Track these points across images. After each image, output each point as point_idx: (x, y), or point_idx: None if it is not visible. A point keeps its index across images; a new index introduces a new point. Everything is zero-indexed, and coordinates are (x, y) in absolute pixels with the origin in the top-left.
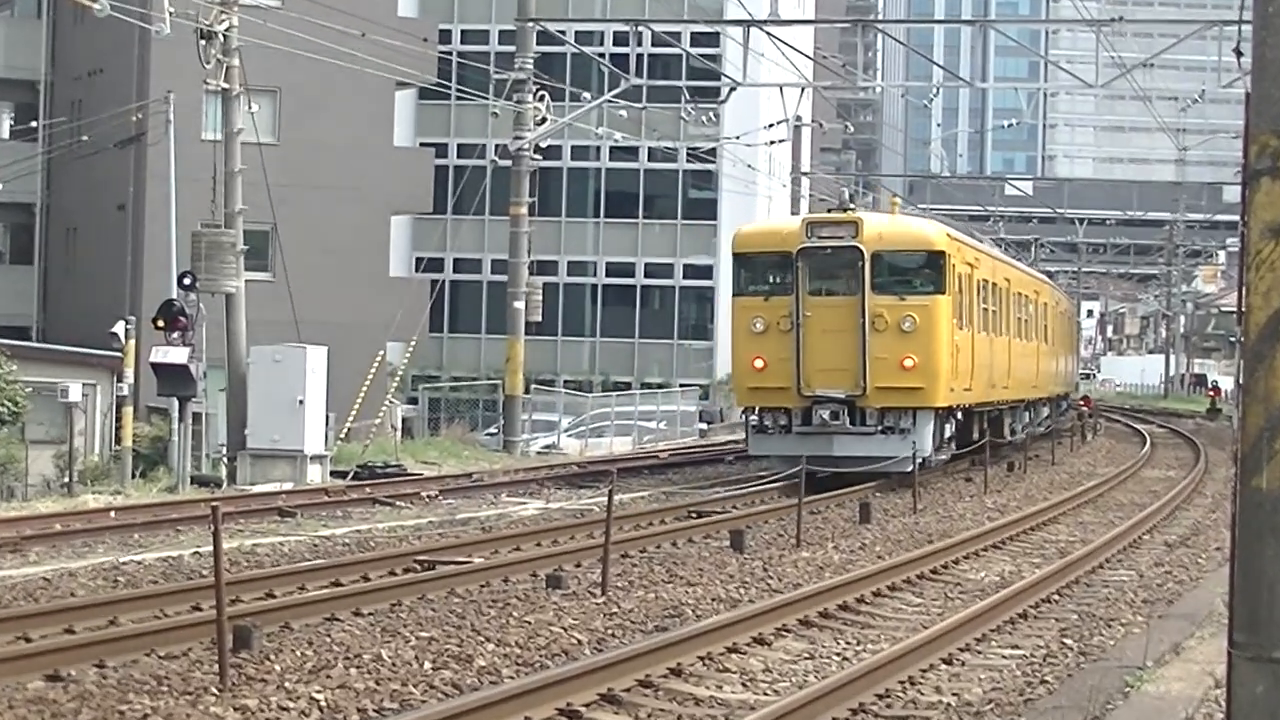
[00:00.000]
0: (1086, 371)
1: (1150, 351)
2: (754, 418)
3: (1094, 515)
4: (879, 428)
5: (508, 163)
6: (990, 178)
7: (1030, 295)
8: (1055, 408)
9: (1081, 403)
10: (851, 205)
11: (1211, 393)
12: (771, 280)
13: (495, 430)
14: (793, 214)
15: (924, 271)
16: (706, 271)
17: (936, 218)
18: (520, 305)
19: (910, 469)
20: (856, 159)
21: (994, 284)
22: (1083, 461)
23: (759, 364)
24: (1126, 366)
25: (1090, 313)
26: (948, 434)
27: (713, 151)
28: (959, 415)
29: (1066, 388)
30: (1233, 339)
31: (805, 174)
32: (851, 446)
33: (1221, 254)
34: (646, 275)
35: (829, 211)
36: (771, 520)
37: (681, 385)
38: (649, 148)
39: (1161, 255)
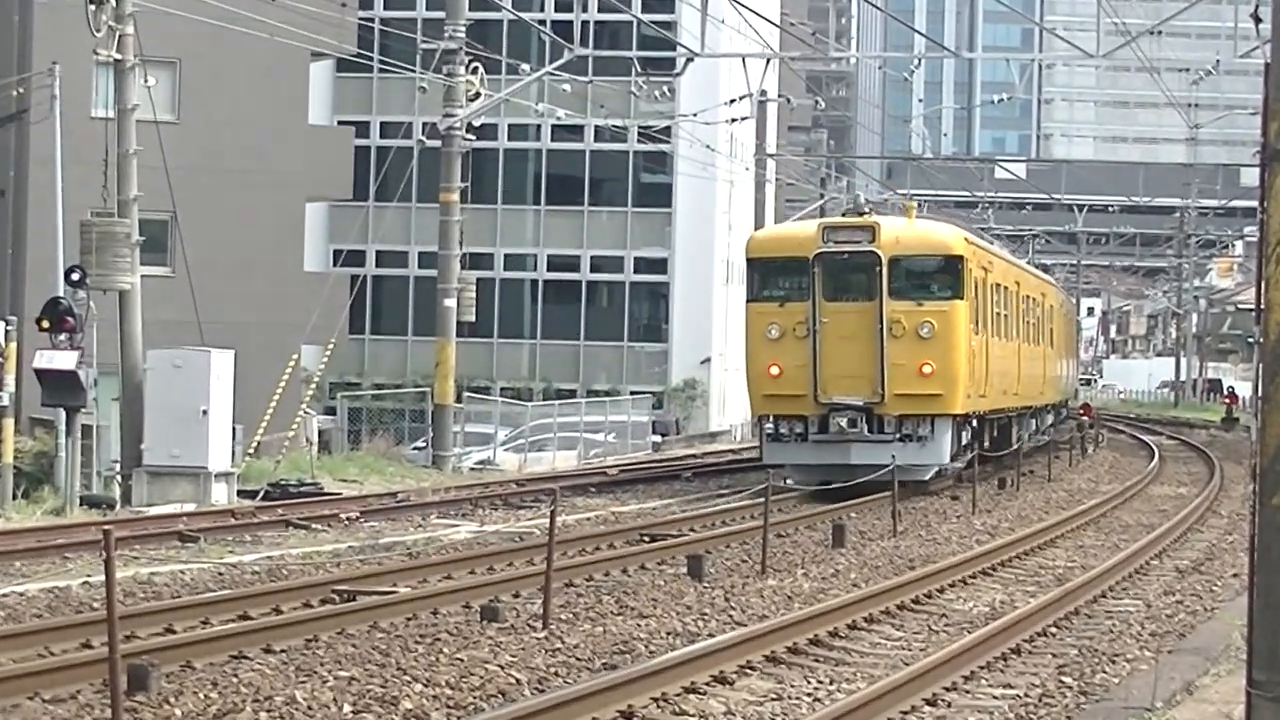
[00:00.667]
0: (1087, 376)
1: (1158, 354)
2: (769, 426)
3: (1095, 538)
4: (897, 435)
5: (437, 143)
6: (979, 159)
7: (1037, 298)
8: (1055, 417)
9: (1081, 412)
10: (866, 209)
11: (1227, 400)
12: (787, 286)
13: (423, 444)
14: (756, 199)
15: (942, 276)
16: (660, 265)
17: (917, 202)
18: (451, 304)
19: (928, 478)
20: (828, 139)
21: (1005, 287)
22: (1083, 478)
23: (774, 371)
24: (1131, 371)
25: (1091, 311)
26: (964, 441)
27: (667, 131)
28: (974, 423)
29: (1065, 395)
30: (1251, 340)
31: (771, 155)
32: (869, 455)
33: (1239, 244)
34: (593, 269)
35: (842, 215)
36: (734, 544)
37: (633, 393)
38: (596, 127)
39: (1171, 246)
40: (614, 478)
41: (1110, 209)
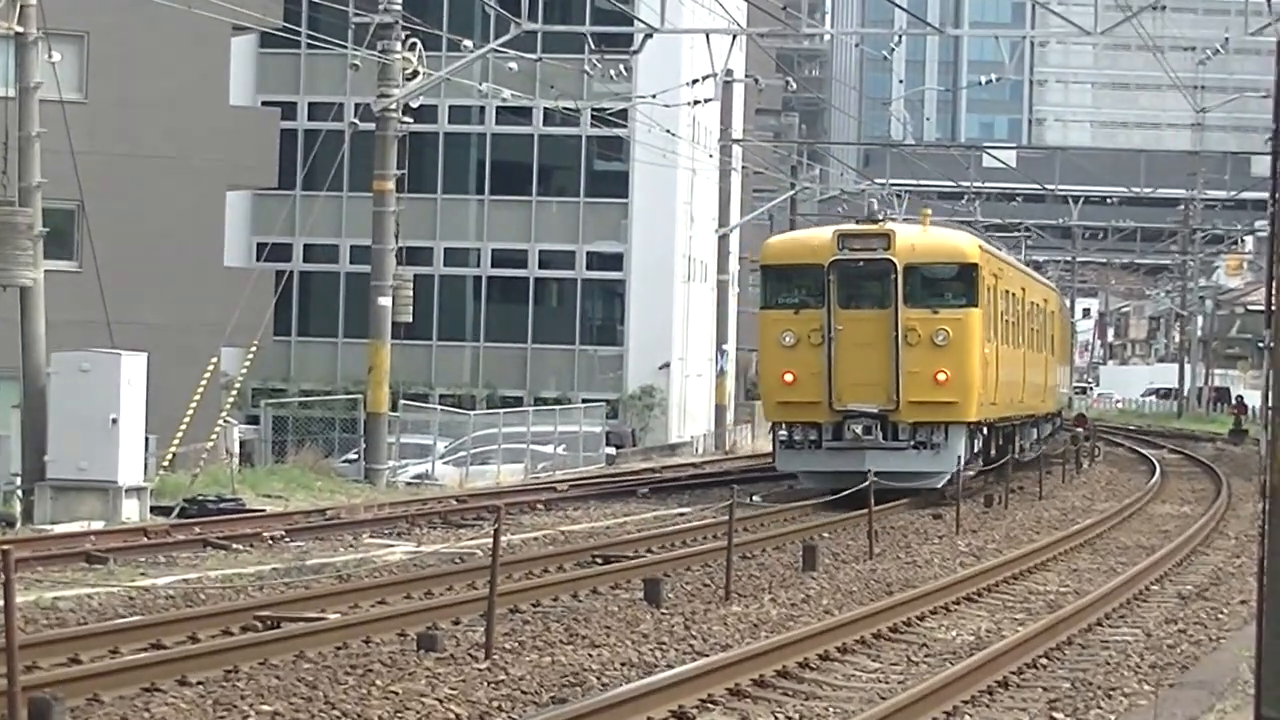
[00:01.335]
0: (1082, 384)
1: (1160, 360)
2: (782, 433)
3: (1091, 560)
4: (911, 442)
5: (371, 126)
6: (965, 146)
7: (1040, 303)
8: (1050, 428)
9: (1076, 423)
10: (880, 217)
11: (1235, 410)
12: (802, 293)
13: (355, 456)
14: (720, 189)
15: (957, 284)
16: (616, 261)
17: (896, 194)
18: (386, 302)
19: (941, 485)
20: (800, 123)
21: (1013, 293)
22: (1077, 495)
23: (789, 378)
24: (1131, 378)
25: (1087, 312)
26: (976, 449)
27: (623, 114)
28: (984, 431)
29: (1059, 405)
30: (1261, 344)
31: (737, 141)
32: (883, 462)
33: (1249, 240)
34: (542, 266)
35: (857, 223)
36: (695, 567)
37: (584, 401)
38: (545, 109)
39: (1175, 242)
40: (564, 494)
41: (1108, 200)
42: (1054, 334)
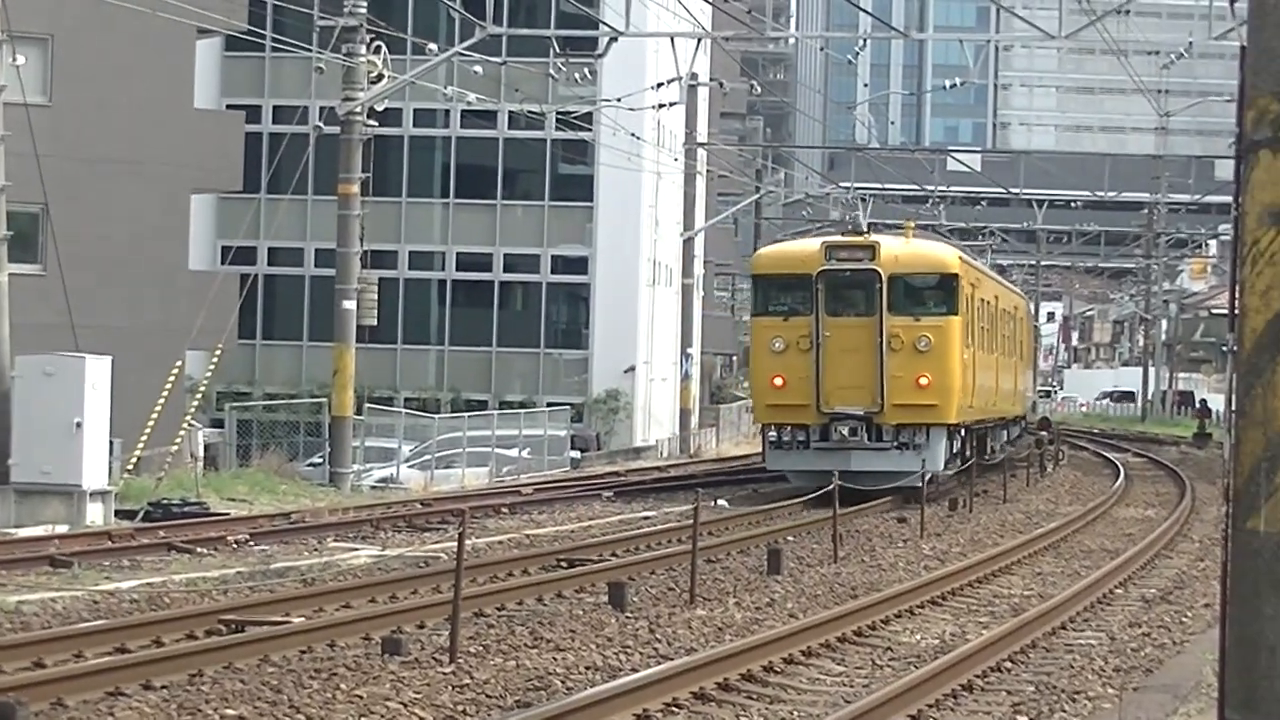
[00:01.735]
0: (1046, 388)
1: (1124, 363)
2: (772, 434)
3: (1055, 564)
4: (895, 443)
5: (335, 130)
6: (929, 150)
7: (1010, 310)
8: (1014, 432)
9: (1039, 427)
10: (864, 229)
11: (1199, 414)
12: (791, 301)
13: (320, 460)
14: (686, 193)
15: (938, 293)
16: (581, 265)
17: (860, 198)
18: (351, 306)
19: (921, 484)
20: (765, 126)
21: (987, 301)
22: (1041, 498)
23: (778, 382)
24: (1095, 381)
25: (1051, 316)
26: (955, 449)
27: (588, 117)
28: (962, 432)
29: (1023, 408)
30: (1225, 348)
31: (702, 145)
32: (868, 462)
33: (1213, 244)
34: (506, 269)
35: (843, 235)
36: (659, 570)
37: (549, 405)
38: (510, 112)
39: (1139, 245)
40: (529, 497)
41: (1073, 204)
42: (1021, 339)
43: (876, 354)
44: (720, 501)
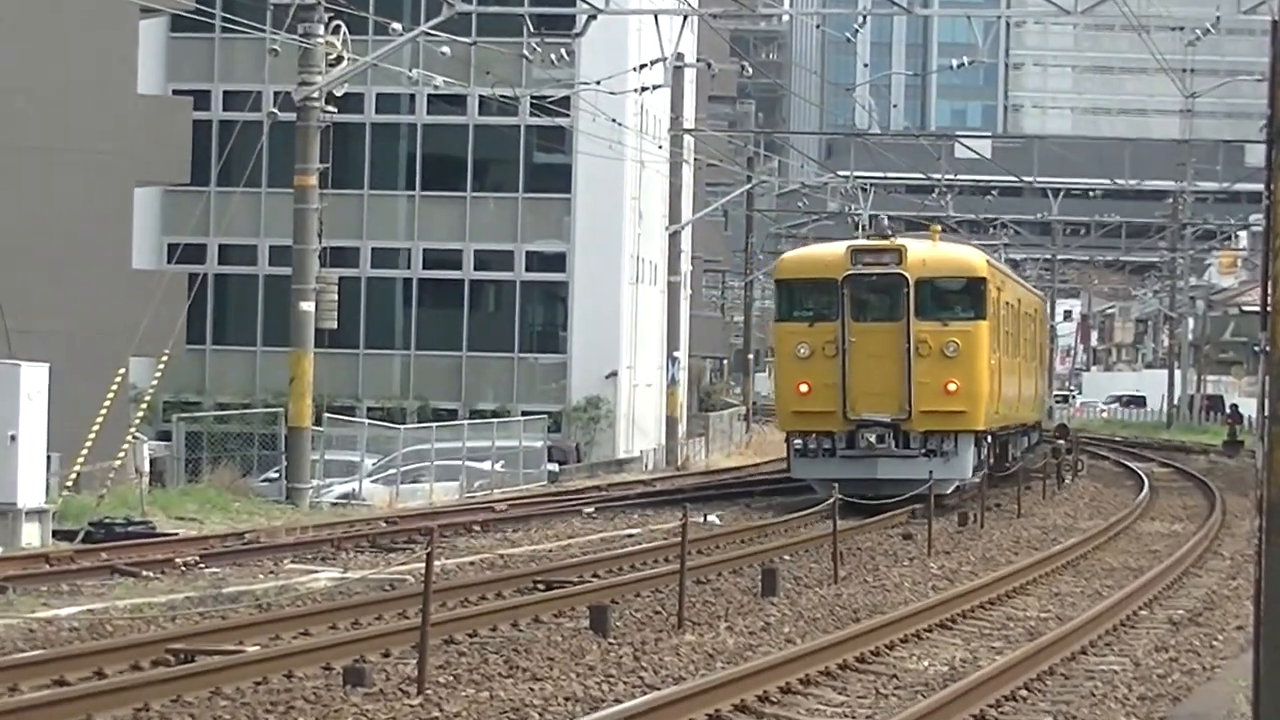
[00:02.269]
0: (1064, 392)
1: (1148, 365)
2: (798, 442)
3: (1074, 583)
4: (922, 450)
5: (291, 117)
6: (935, 135)
7: (1031, 313)
8: (1029, 439)
9: (1057, 434)
10: (890, 232)
11: (1229, 420)
12: (816, 306)
13: (276, 475)
14: (671, 184)
15: (966, 297)
16: (558, 262)
17: (860, 188)
18: (309, 307)
19: (949, 491)
20: (757, 111)
21: (1010, 304)
22: (1059, 512)
23: (804, 389)
24: (1116, 385)
25: (1068, 314)
26: (983, 456)
27: (566, 102)
28: (989, 439)
29: (1037, 415)
30: (1257, 348)
31: (689, 131)
32: (895, 469)
33: (1243, 235)
34: (478, 267)
35: (867, 238)
36: (645, 593)
37: (525, 414)
38: (480, 97)
39: (1163, 238)
40: (503, 514)
41: (1091, 194)
42: (1039, 340)
43: (904, 360)
44: (711, 518)
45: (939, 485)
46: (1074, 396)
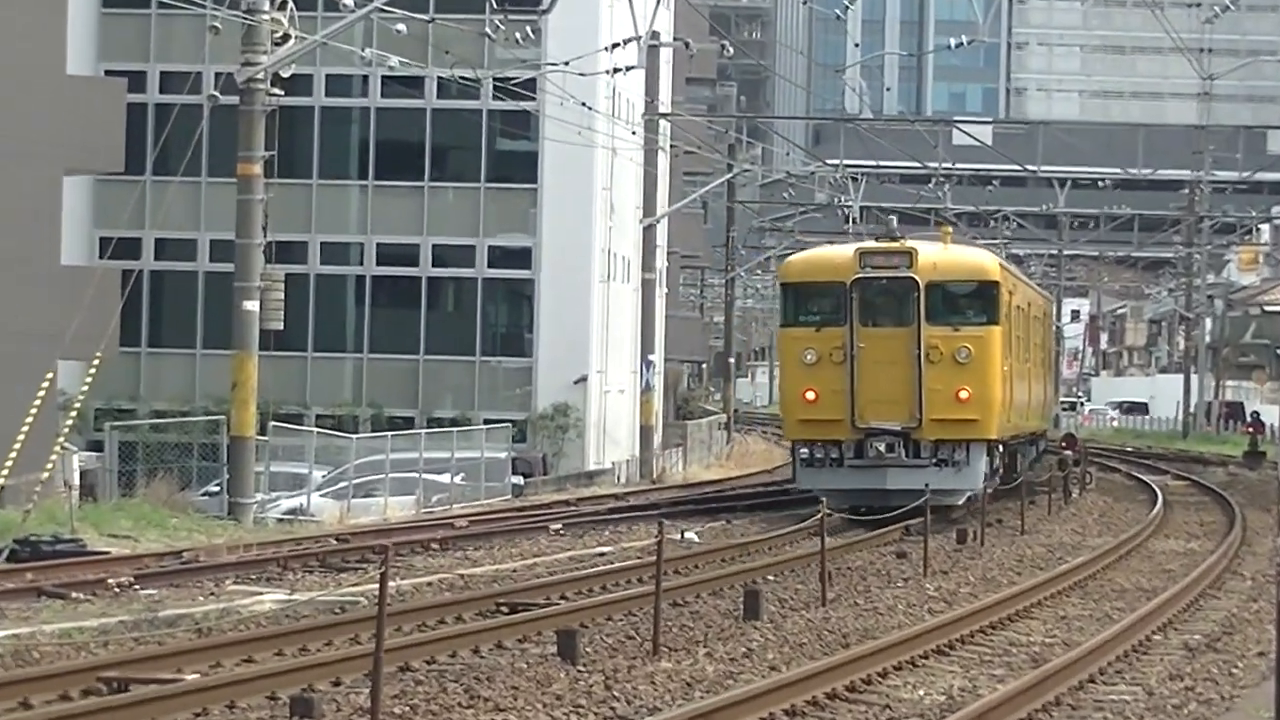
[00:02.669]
0: (1071, 399)
1: (1163, 370)
2: (804, 451)
3: (1082, 606)
4: (933, 460)
5: (234, 100)
6: (932, 120)
7: (1039, 315)
8: (1043, 446)
9: (1064, 444)
10: (899, 234)
11: (1250, 429)
12: (823, 311)
13: (217, 488)
14: (646, 173)
15: (978, 301)
16: (523, 257)
17: (851, 177)
18: (253, 307)
19: (960, 502)
20: (739, 94)
21: (1021, 308)
22: (1065, 529)
23: (810, 396)
24: (1127, 391)
25: (1076, 315)
26: (995, 466)
27: (531, 84)
28: (1001, 448)
29: (1044, 423)
30: None
31: (665, 116)
32: (905, 480)
33: (1265, 229)
34: (436, 263)
35: (876, 240)
36: (617, 616)
37: (488, 422)
38: (439, 79)
39: (1179, 231)
40: (463, 531)
41: (1100, 184)
42: (1046, 344)
43: (914, 366)
44: (689, 535)
45: (950, 497)
46: (1082, 404)
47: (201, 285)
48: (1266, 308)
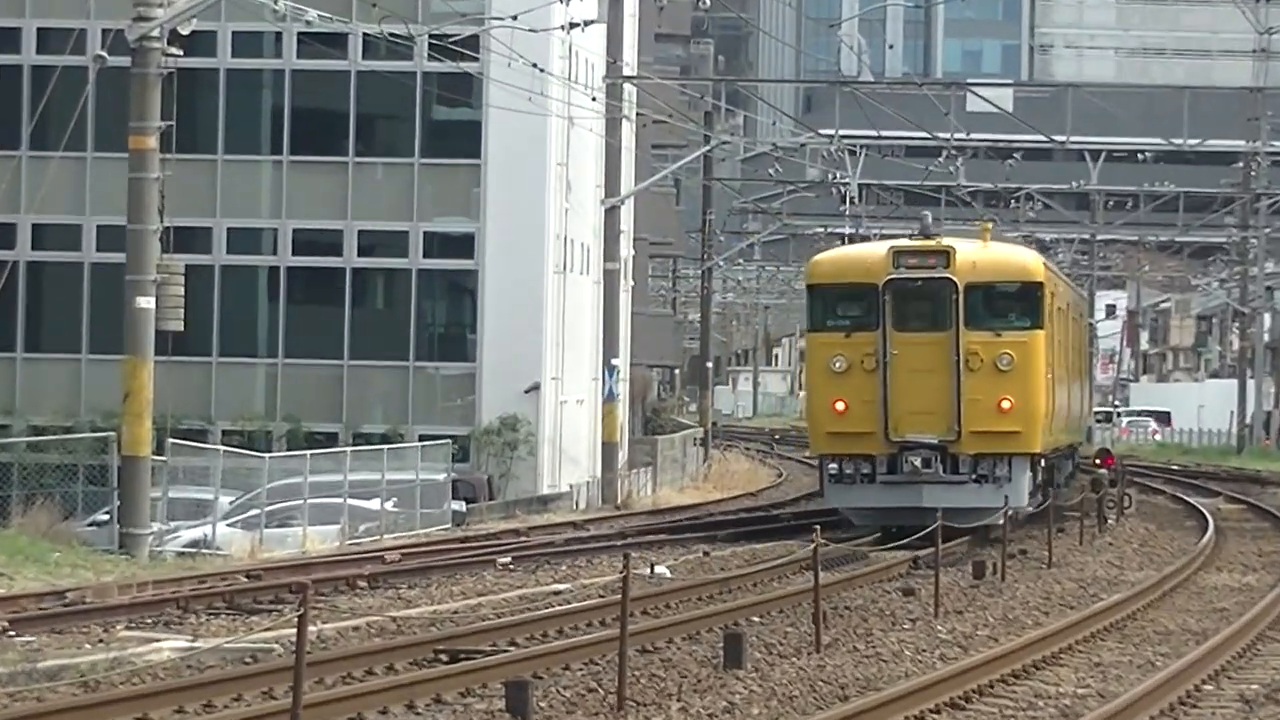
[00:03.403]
0: (1106, 409)
1: (1214, 374)
2: (832, 466)
3: (1120, 651)
4: (973, 476)
5: (126, 61)
6: (942, 83)
7: (1076, 317)
8: (1072, 465)
9: (1098, 462)
10: (936, 232)
11: None
12: (854, 315)
13: (106, 517)
14: (609, 145)
15: (1021, 304)
16: (465, 245)
17: (848, 150)
18: (149, 304)
19: (1001, 521)
20: (717, 54)
21: (1061, 309)
22: (1100, 560)
23: (840, 407)
24: (1172, 400)
25: (1112, 310)
26: (1038, 482)
27: (474, 42)
28: (1043, 463)
29: (1079, 436)
30: None
31: (630, 79)
32: (942, 497)
33: None
34: (363, 252)
35: (909, 238)
36: (576, 665)
37: (424, 438)
38: (366, 37)
39: (1231, 212)
40: (396, 566)
41: (1140, 157)
42: (1081, 346)
43: (952, 374)
44: (660, 569)
45: (990, 515)
46: (1119, 415)
47: (87, 279)
48: None
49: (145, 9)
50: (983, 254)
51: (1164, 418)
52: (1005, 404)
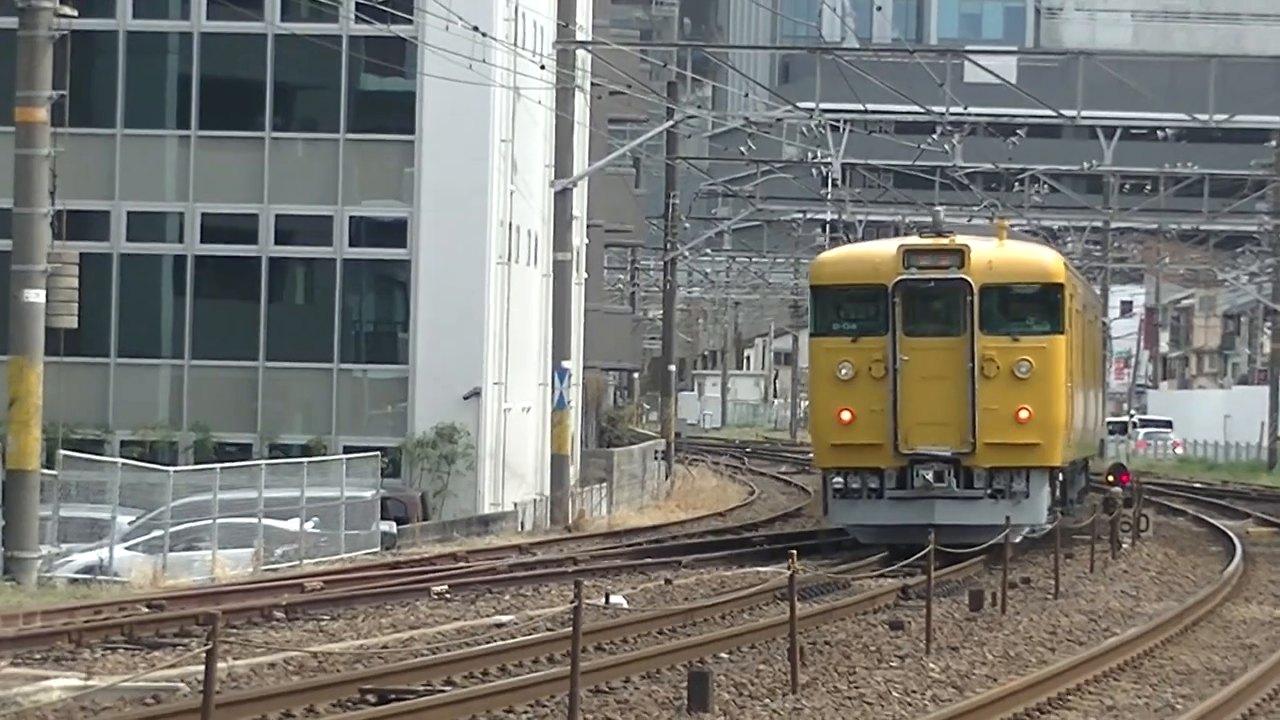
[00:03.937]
0: (1121, 419)
1: (1242, 380)
2: (837, 480)
3: (1135, 693)
4: (989, 491)
5: (12, 22)
6: (938, 50)
7: (1091, 319)
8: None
9: (1111, 480)
10: (948, 230)
11: None
12: (861, 318)
13: None
14: (559, 114)
15: (1040, 307)
16: (396, 232)
17: (830, 125)
18: (37, 298)
19: (1018, 540)
20: (682, 16)
21: (1079, 311)
22: (1113, 590)
23: (845, 416)
24: (1196, 408)
25: (1128, 307)
26: (1057, 498)
27: (407, 3)
28: (1061, 477)
29: (1091, 449)
30: None
31: (583, 44)
32: (956, 514)
33: None
34: (280, 240)
35: (920, 236)
36: (520, 707)
37: (350, 450)
38: None
39: (1263, 197)
40: (317, 594)
41: (1160, 134)
42: (1096, 350)
43: (966, 382)
44: (615, 599)
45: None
46: (1135, 426)
47: None
48: None
49: None
50: (999, 253)
51: (1164, 426)
52: (1023, 414)
